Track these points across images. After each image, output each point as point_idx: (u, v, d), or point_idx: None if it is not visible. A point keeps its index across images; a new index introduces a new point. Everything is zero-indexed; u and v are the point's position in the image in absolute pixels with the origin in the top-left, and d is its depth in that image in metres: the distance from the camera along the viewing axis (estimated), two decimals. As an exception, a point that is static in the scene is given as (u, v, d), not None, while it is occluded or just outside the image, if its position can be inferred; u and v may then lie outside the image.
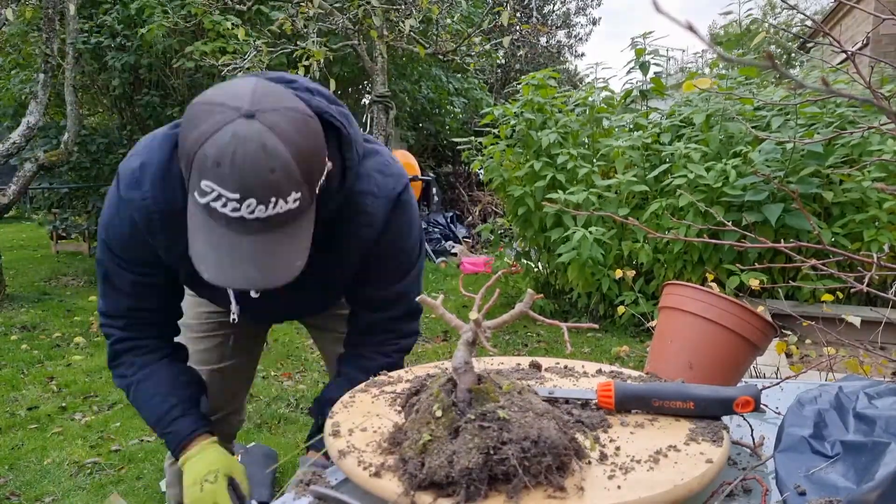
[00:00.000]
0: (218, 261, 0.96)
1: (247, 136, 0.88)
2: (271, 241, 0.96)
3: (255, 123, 0.89)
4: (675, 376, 1.01)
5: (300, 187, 0.94)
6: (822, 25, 1.01)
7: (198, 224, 0.97)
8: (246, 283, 0.98)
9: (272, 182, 0.90)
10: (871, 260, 0.98)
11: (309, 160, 0.95)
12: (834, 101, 3.91)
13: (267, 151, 0.89)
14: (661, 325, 1.12)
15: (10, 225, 12.84)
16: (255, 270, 0.96)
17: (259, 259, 0.96)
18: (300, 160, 0.92)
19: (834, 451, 0.75)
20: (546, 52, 15.34)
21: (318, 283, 1.23)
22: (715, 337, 1.02)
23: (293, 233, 0.98)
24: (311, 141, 0.96)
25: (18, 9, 5.72)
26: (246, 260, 0.95)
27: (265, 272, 0.97)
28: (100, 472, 2.72)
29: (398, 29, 5.08)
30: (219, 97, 0.92)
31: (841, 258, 0.96)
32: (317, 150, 0.98)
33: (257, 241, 0.95)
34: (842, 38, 9.07)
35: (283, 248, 0.97)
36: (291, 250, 0.98)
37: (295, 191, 0.93)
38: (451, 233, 9.04)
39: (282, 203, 0.92)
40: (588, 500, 0.66)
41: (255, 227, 0.93)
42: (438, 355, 4.27)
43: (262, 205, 0.91)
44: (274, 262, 0.97)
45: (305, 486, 0.80)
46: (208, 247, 0.96)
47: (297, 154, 0.92)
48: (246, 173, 0.88)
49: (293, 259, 0.99)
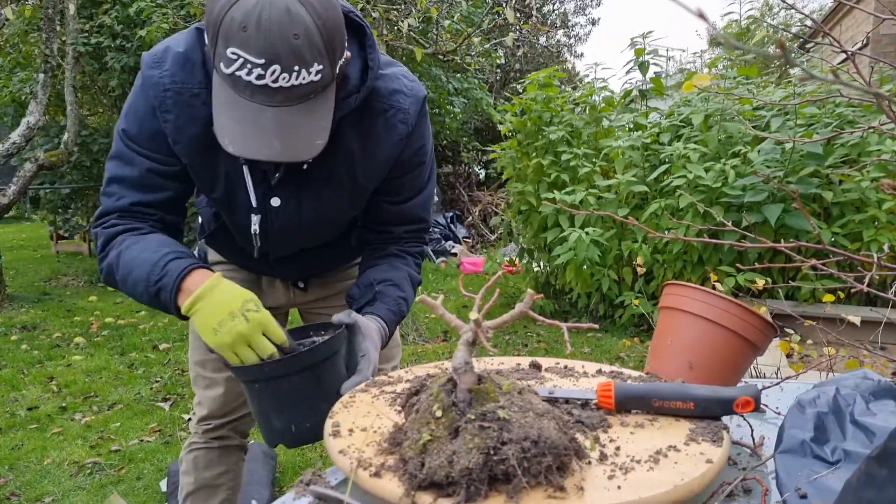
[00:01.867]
0: (242, 133, 0.99)
1: (272, 0, 0.92)
2: (294, 114, 0.99)
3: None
4: (675, 376, 1.01)
5: (322, 59, 0.97)
6: (822, 25, 1.01)
7: (222, 100, 1.00)
8: (269, 154, 1.00)
9: (296, 48, 0.93)
10: (870, 260, 0.98)
11: (331, 32, 0.98)
12: (833, 101, 3.91)
13: (291, 16, 0.93)
14: (660, 324, 1.12)
15: (10, 225, 12.83)
16: (278, 142, 0.99)
17: (282, 131, 0.98)
18: (323, 30, 0.96)
19: (835, 458, 0.75)
20: (546, 51, 15.34)
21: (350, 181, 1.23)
22: (715, 337, 1.02)
23: (314, 109, 1.01)
24: (332, 14, 0.99)
25: (18, 8, 5.72)
26: (269, 131, 0.98)
27: (287, 144, 0.99)
28: (100, 472, 2.72)
29: (398, 28, 5.08)
30: None
31: (841, 258, 0.96)
32: (338, 25, 1.01)
33: (281, 112, 0.98)
34: (842, 38, 9.06)
35: (305, 123, 1.00)
36: (313, 127, 1.01)
37: (317, 62, 0.96)
38: (451, 233, 9.04)
39: (304, 73, 0.96)
40: (588, 500, 0.66)
41: (279, 98, 0.97)
42: (438, 355, 4.27)
43: (286, 73, 0.95)
44: (296, 136, 1.00)
45: (305, 487, 0.80)
46: (233, 121, 0.99)
47: (320, 22, 0.95)
48: (272, 36, 0.92)
49: (314, 135, 1.02)
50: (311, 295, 1.56)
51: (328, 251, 1.46)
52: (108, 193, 1.21)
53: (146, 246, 1.15)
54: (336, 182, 1.24)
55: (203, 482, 1.57)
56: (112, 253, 1.17)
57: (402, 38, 5.20)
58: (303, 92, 0.98)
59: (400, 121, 1.22)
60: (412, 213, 1.36)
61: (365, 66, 1.16)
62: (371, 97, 1.19)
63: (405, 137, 1.23)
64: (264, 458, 2.54)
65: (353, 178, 1.25)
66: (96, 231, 1.22)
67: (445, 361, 1.14)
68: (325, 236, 1.40)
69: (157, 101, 1.13)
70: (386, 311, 1.25)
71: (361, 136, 1.21)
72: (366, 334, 1.14)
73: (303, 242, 1.36)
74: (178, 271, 1.08)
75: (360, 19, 1.15)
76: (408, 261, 1.36)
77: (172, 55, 1.13)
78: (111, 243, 1.19)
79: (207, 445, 1.57)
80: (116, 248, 1.17)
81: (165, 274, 1.08)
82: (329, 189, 1.24)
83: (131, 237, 1.18)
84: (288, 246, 1.34)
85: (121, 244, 1.17)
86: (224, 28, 0.94)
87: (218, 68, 0.99)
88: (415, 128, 1.24)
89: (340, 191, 1.25)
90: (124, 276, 1.14)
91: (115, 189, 1.20)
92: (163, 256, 1.11)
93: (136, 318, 5.36)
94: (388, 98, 1.21)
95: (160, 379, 3.91)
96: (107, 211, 1.21)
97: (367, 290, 1.28)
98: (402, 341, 4.57)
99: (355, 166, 1.23)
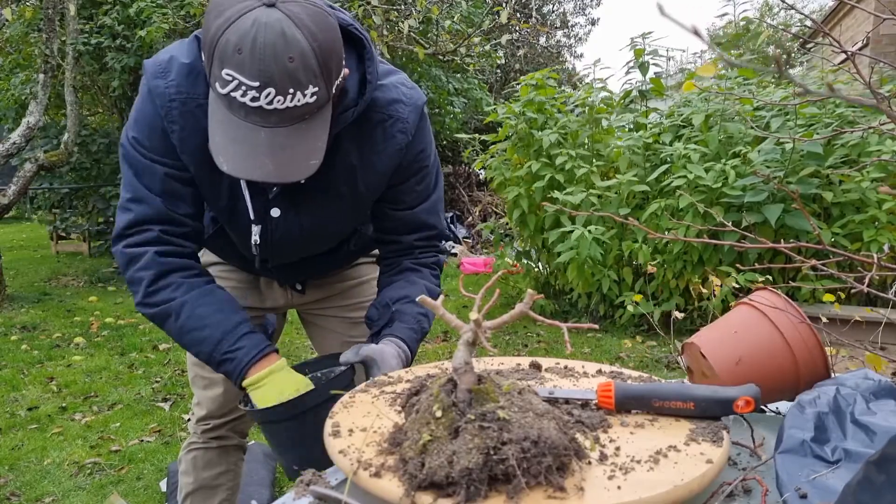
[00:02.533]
0: (235, 152, 0.99)
1: (268, 23, 0.92)
2: (289, 135, 0.99)
3: (276, 12, 0.94)
4: (720, 361, 1.03)
5: (317, 81, 0.97)
6: (821, 25, 1.01)
7: (218, 118, 1.00)
8: (262, 174, 1.00)
9: (291, 71, 0.93)
10: (870, 260, 0.98)
11: (327, 53, 0.98)
12: (833, 101, 3.91)
13: (286, 39, 0.93)
14: (732, 315, 1.12)
15: (10, 225, 12.84)
16: (271, 163, 0.99)
17: (275, 152, 0.98)
18: (318, 52, 0.96)
19: (835, 457, 0.75)
20: (546, 52, 15.35)
21: (350, 192, 1.23)
22: (774, 348, 1.03)
23: (308, 130, 1.00)
24: (329, 35, 0.99)
25: (18, 9, 5.72)
26: (262, 152, 0.98)
27: (280, 165, 0.99)
28: (100, 472, 2.72)
29: (398, 29, 5.08)
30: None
31: (841, 258, 0.96)
32: (335, 47, 1.00)
33: (275, 133, 0.98)
34: (842, 38, 9.07)
35: (299, 143, 1.00)
36: (308, 147, 1.01)
37: (313, 84, 0.96)
38: (451, 233, 9.05)
39: (300, 95, 0.96)
40: (588, 501, 0.66)
41: (274, 119, 0.97)
42: (438, 355, 4.27)
43: (281, 95, 0.95)
44: (290, 157, 1.00)
45: (305, 487, 0.80)
46: (227, 139, 0.99)
47: (315, 45, 0.95)
48: (266, 60, 0.92)
49: (309, 156, 1.01)
50: (309, 297, 1.55)
51: (327, 257, 1.45)
52: (134, 200, 1.17)
53: (217, 307, 1.18)
54: (336, 194, 1.23)
55: (202, 482, 1.56)
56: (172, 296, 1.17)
57: (402, 38, 5.20)
58: (298, 113, 0.98)
59: (399, 130, 1.21)
60: (420, 220, 1.33)
61: (363, 79, 1.15)
62: (369, 108, 1.18)
63: (405, 147, 1.22)
64: (264, 459, 2.54)
65: (354, 189, 1.24)
66: (137, 253, 1.17)
67: (445, 361, 1.14)
68: (326, 245, 1.39)
69: (163, 111, 1.13)
70: (406, 331, 1.23)
71: (360, 148, 1.20)
72: (382, 365, 1.12)
73: (303, 252, 1.36)
74: (253, 353, 1.15)
75: (360, 32, 1.14)
76: (424, 273, 1.33)
77: (177, 66, 1.13)
78: (166, 280, 1.17)
79: (206, 445, 1.56)
80: (176, 290, 1.17)
81: (240, 348, 1.15)
82: (329, 200, 1.24)
83: (195, 286, 1.18)
84: (288, 255, 1.34)
85: (180, 288, 1.17)
86: (219, 50, 0.94)
87: (213, 87, 0.99)
88: (414, 136, 1.23)
89: (341, 202, 1.25)
90: (186, 329, 1.16)
91: (140, 194, 1.17)
92: (238, 325, 1.17)
93: (136, 318, 5.35)
94: (386, 108, 1.20)
95: (160, 379, 3.91)
96: (136, 220, 1.17)
97: (384, 310, 1.26)
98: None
99: (355, 177, 1.22)
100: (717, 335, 1.10)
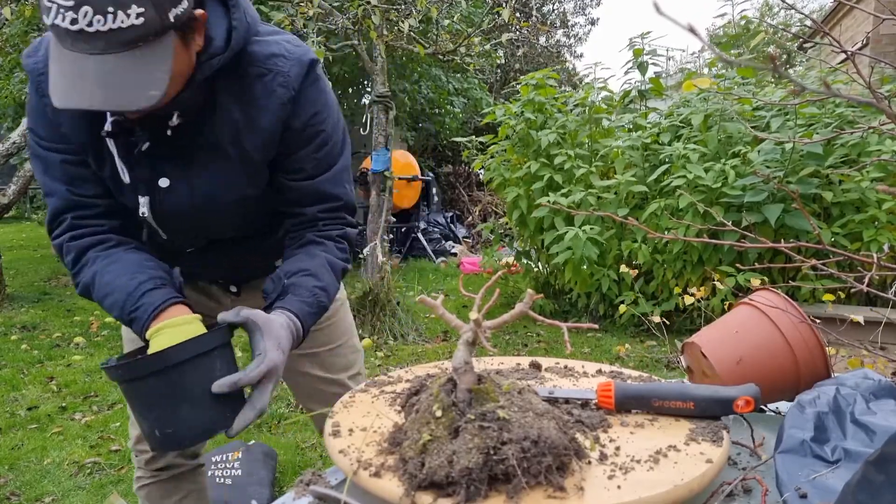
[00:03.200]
0: (65, 85, 0.96)
1: None
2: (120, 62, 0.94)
3: None
4: (721, 361, 1.03)
5: (143, 2, 0.92)
6: (821, 25, 1.01)
7: (54, 57, 0.97)
8: (92, 103, 0.96)
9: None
10: (870, 260, 0.98)
11: None
12: (833, 101, 3.91)
13: None
14: (733, 315, 1.13)
15: (10, 225, 12.83)
16: (100, 91, 0.95)
17: (106, 80, 0.94)
18: None
19: (835, 457, 0.75)
20: (546, 51, 15.35)
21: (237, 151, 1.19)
22: (775, 347, 1.03)
23: (145, 58, 0.96)
24: None
25: (18, 8, 5.72)
26: (90, 80, 0.94)
27: (111, 93, 0.95)
28: (100, 472, 2.73)
29: (398, 29, 5.08)
30: None
31: (841, 258, 0.96)
32: None
33: (104, 60, 0.94)
34: (842, 39, 9.07)
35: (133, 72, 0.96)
36: (146, 77, 0.97)
37: (137, 4, 0.92)
38: (451, 233, 9.05)
39: (122, 16, 0.91)
40: (588, 500, 0.66)
41: (101, 45, 0.93)
42: (438, 355, 4.27)
43: (100, 15, 0.90)
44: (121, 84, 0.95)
45: (305, 487, 0.80)
46: (58, 74, 0.96)
47: None
48: None
49: (147, 85, 0.97)
50: (247, 300, 1.45)
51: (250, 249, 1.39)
52: (48, 194, 1.19)
53: (122, 269, 1.15)
54: (223, 155, 1.18)
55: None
56: (86, 272, 1.17)
57: (402, 38, 5.20)
58: (126, 38, 0.93)
59: (280, 84, 1.17)
60: (322, 190, 1.27)
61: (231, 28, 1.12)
62: (247, 62, 1.15)
63: (288, 102, 1.18)
64: (264, 459, 2.53)
65: (242, 150, 1.19)
66: (59, 243, 1.19)
67: (445, 361, 1.14)
68: (232, 222, 1.32)
69: (36, 87, 1.12)
70: (298, 304, 1.17)
71: (241, 103, 1.17)
72: (266, 331, 1.06)
73: (205, 227, 1.30)
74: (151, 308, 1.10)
75: None
76: (327, 246, 1.27)
77: (47, 42, 1.11)
78: (83, 259, 1.18)
79: (156, 478, 1.47)
80: (90, 266, 1.17)
81: (140, 305, 1.10)
82: (217, 163, 1.19)
83: (104, 256, 1.17)
84: (189, 232, 1.29)
85: (94, 262, 1.16)
86: None
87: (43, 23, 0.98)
88: (300, 92, 1.19)
89: (231, 165, 1.20)
90: (100, 299, 1.16)
91: (49, 185, 1.18)
92: (138, 286, 1.12)
93: (135, 318, 5.35)
94: (264, 62, 1.16)
95: (160, 379, 3.90)
96: (55, 210, 1.19)
97: (277, 283, 1.21)
98: (401, 341, 4.60)
99: (240, 135, 1.18)
100: (718, 335, 1.10)
